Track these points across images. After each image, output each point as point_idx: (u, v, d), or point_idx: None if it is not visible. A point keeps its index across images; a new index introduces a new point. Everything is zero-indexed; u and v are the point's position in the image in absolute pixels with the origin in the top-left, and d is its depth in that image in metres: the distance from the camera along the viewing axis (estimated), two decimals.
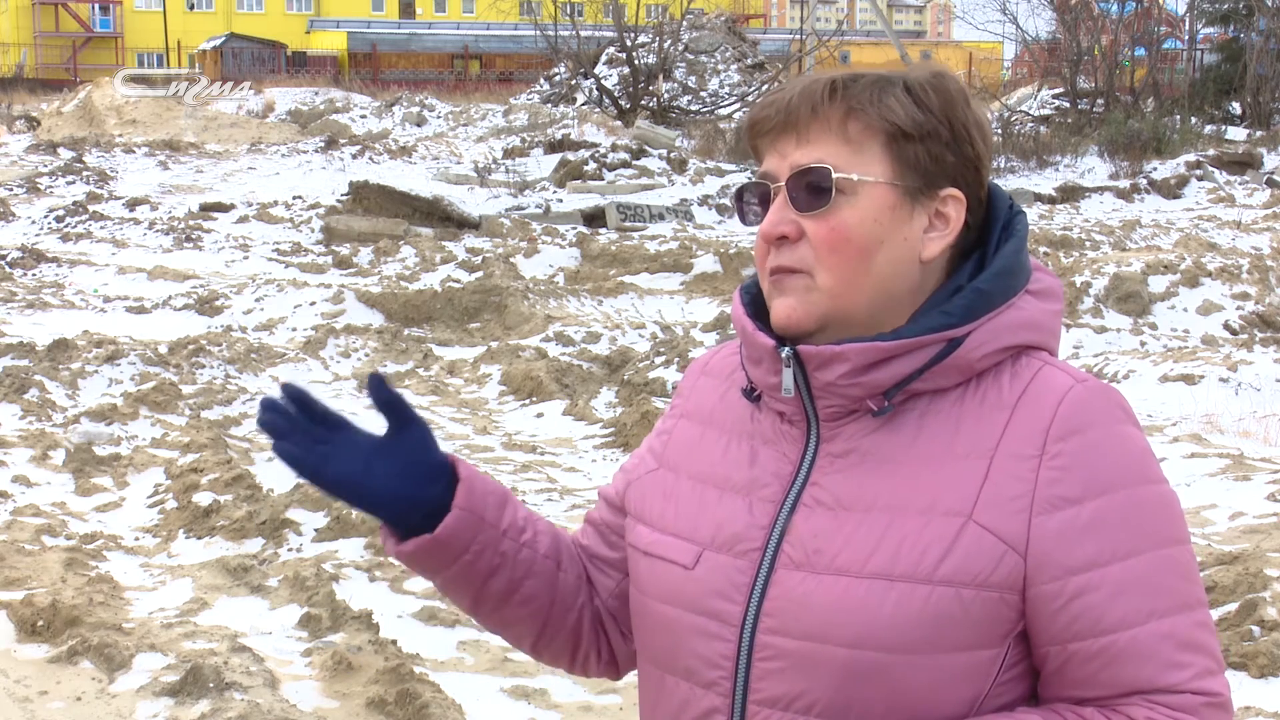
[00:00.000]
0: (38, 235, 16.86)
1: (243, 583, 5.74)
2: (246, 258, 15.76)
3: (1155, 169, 21.65)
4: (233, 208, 18.44)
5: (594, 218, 17.84)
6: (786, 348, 1.38)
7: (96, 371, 9.42)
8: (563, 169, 21.26)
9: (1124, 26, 31.07)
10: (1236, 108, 29.32)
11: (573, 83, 32.34)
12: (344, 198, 18.19)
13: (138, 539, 6.51)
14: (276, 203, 18.79)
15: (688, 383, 1.58)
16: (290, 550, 6.13)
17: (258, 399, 9.23)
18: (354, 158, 25.31)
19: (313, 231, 16.95)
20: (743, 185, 1.44)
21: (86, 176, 21.62)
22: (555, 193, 19.95)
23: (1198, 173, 21.35)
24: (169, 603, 5.56)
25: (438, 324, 12.29)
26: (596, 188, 20.27)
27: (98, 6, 68.13)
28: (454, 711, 4.33)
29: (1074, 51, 30.16)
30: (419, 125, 30.79)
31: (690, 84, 32.27)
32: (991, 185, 1.45)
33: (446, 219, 17.14)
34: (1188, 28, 33.91)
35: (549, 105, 30.78)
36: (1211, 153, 22.55)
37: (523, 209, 18.14)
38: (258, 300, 12.71)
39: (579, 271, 14.71)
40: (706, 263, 14.44)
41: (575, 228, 17.16)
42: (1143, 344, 10.62)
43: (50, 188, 20.58)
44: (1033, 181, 21.57)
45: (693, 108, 31.03)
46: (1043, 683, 1.36)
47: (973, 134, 1.40)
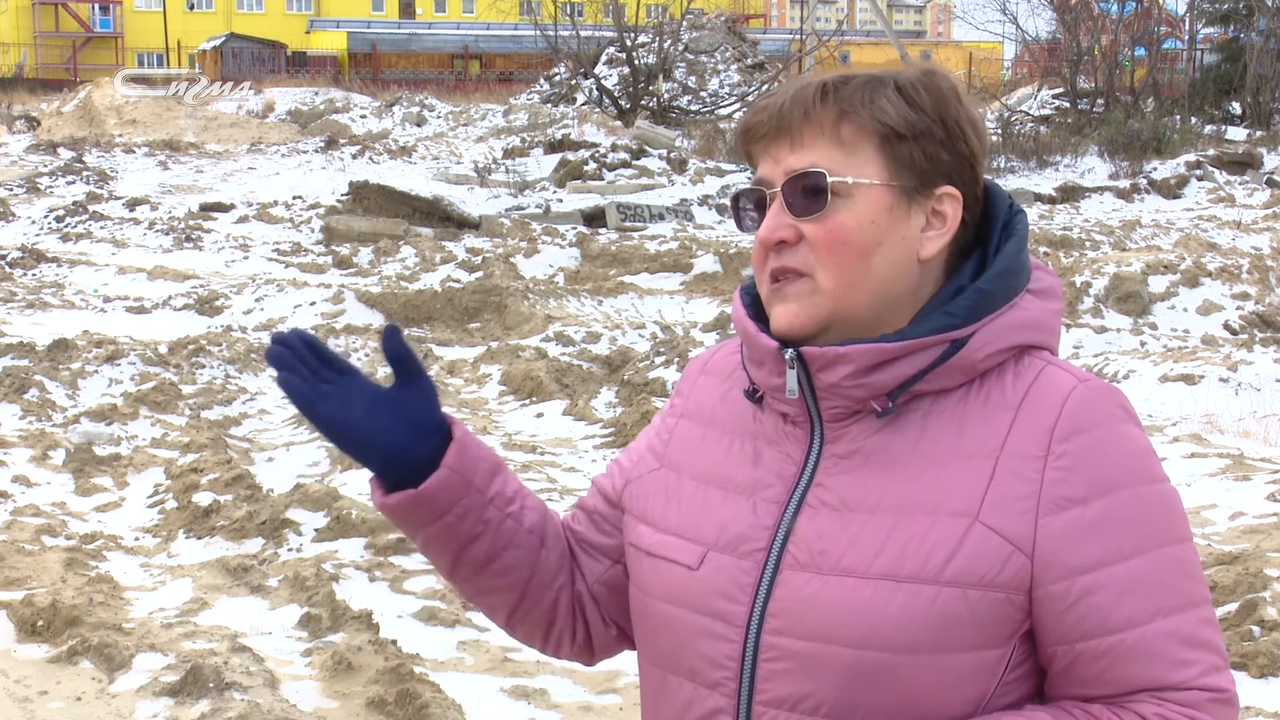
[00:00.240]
0: (38, 235, 16.87)
1: (243, 583, 5.74)
2: (246, 258, 15.76)
3: (1155, 169, 21.65)
4: (233, 208, 18.45)
5: (594, 218, 17.84)
6: (790, 349, 1.38)
7: (96, 371, 9.42)
8: (563, 169, 21.26)
9: (1124, 26, 31.08)
10: (1236, 108, 29.33)
11: (573, 83, 32.34)
12: (344, 198, 18.19)
13: (138, 539, 6.51)
14: (276, 203, 18.79)
15: (687, 382, 1.57)
16: (290, 550, 6.12)
17: (258, 399, 9.28)
18: (354, 158, 25.31)
19: (313, 231, 16.95)
20: (737, 191, 1.44)
21: (86, 176, 21.62)
22: (555, 193, 19.96)
23: (1198, 173, 21.34)
24: (169, 603, 5.56)
25: (438, 324, 12.29)
26: (596, 188, 20.27)
27: (98, 6, 68.12)
28: (454, 711, 4.33)
29: (1074, 51, 30.16)
30: (419, 125, 30.79)
31: (690, 84, 32.27)
32: (990, 184, 1.45)
33: (446, 219, 17.15)
34: (1188, 28, 33.92)
35: (549, 105, 30.79)
36: (1211, 153, 22.55)
37: (523, 209, 18.14)
38: (258, 300, 12.71)
39: (579, 271, 14.71)
40: (706, 263, 14.44)
41: (575, 228, 17.16)
42: (1143, 344, 10.62)
43: (50, 188, 20.58)
44: (1033, 181, 21.57)
45: (693, 108, 31.03)
46: (1049, 681, 1.37)
47: (966, 131, 1.39)
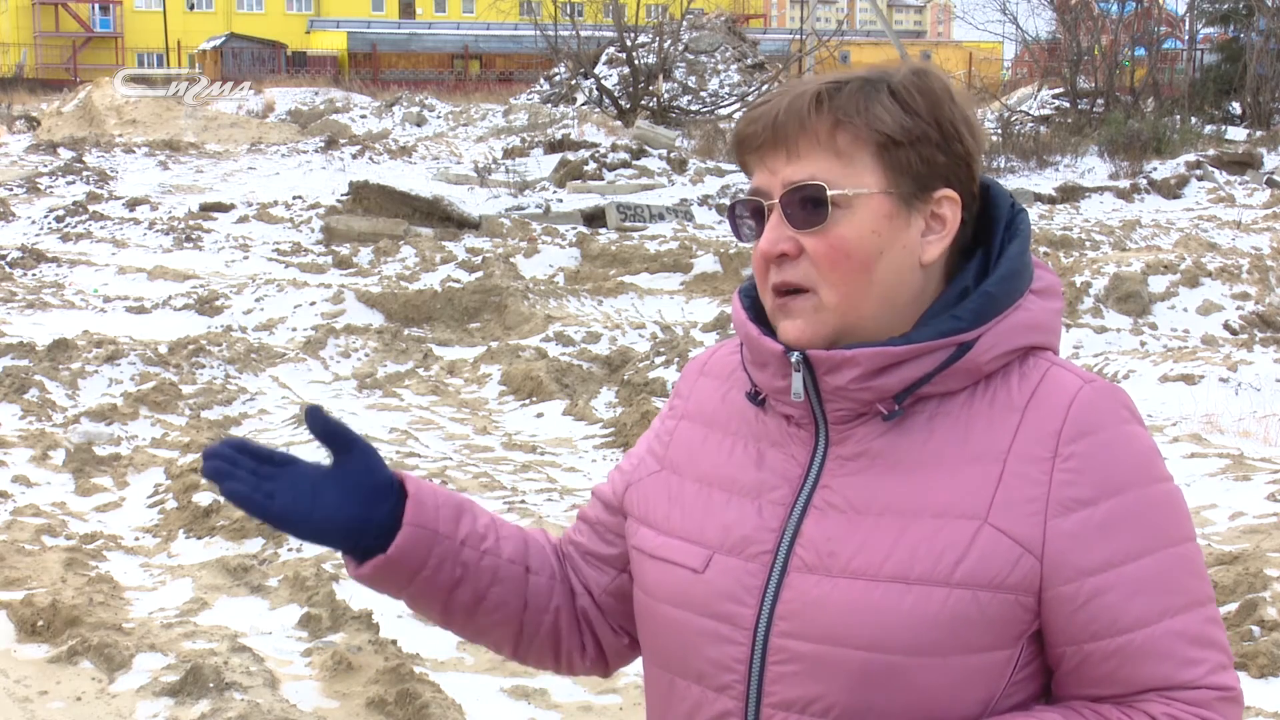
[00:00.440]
0: (38, 235, 16.87)
1: (243, 583, 5.74)
2: (246, 258, 15.76)
3: (1155, 169, 21.65)
4: (233, 208, 18.45)
5: (594, 218, 17.84)
6: (797, 353, 1.37)
7: (96, 371, 9.42)
8: (563, 169, 21.26)
9: (1124, 26, 31.07)
10: (1236, 108, 29.33)
11: (573, 83, 32.34)
12: (344, 198, 18.19)
13: (138, 539, 6.51)
14: (276, 203, 18.79)
15: (686, 384, 1.57)
16: (290, 550, 6.12)
17: (258, 399, 9.28)
18: (354, 158, 25.31)
19: (313, 231, 16.95)
20: (734, 200, 1.43)
21: (86, 176, 21.62)
22: (555, 193, 19.95)
23: (1198, 173, 21.34)
24: (169, 603, 5.56)
25: (438, 324, 12.28)
26: (596, 188, 20.27)
27: (98, 6, 68.13)
28: (454, 711, 4.33)
29: (1074, 51, 30.15)
30: (419, 125, 30.79)
31: (690, 84, 32.27)
32: (991, 183, 1.45)
33: (446, 219, 17.14)
34: (1188, 28, 33.92)
35: (549, 105, 30.78)
36: (1211, 153, 22.55)
37: (523, 209, 18.14)
38: (258, 300, 12.71)
39: (579, 271, 14.70)
40: (706, 263, 14.44)
41: (575, 228, 17.16)
42: (1143, 344, 10.61)
43: (50, 188, 20.58)
44: (1033, 181, 21.57)
45: (693, 108, 31.03)
46: (1057, 681, 1.37)
47: (961, 131, 1.38)
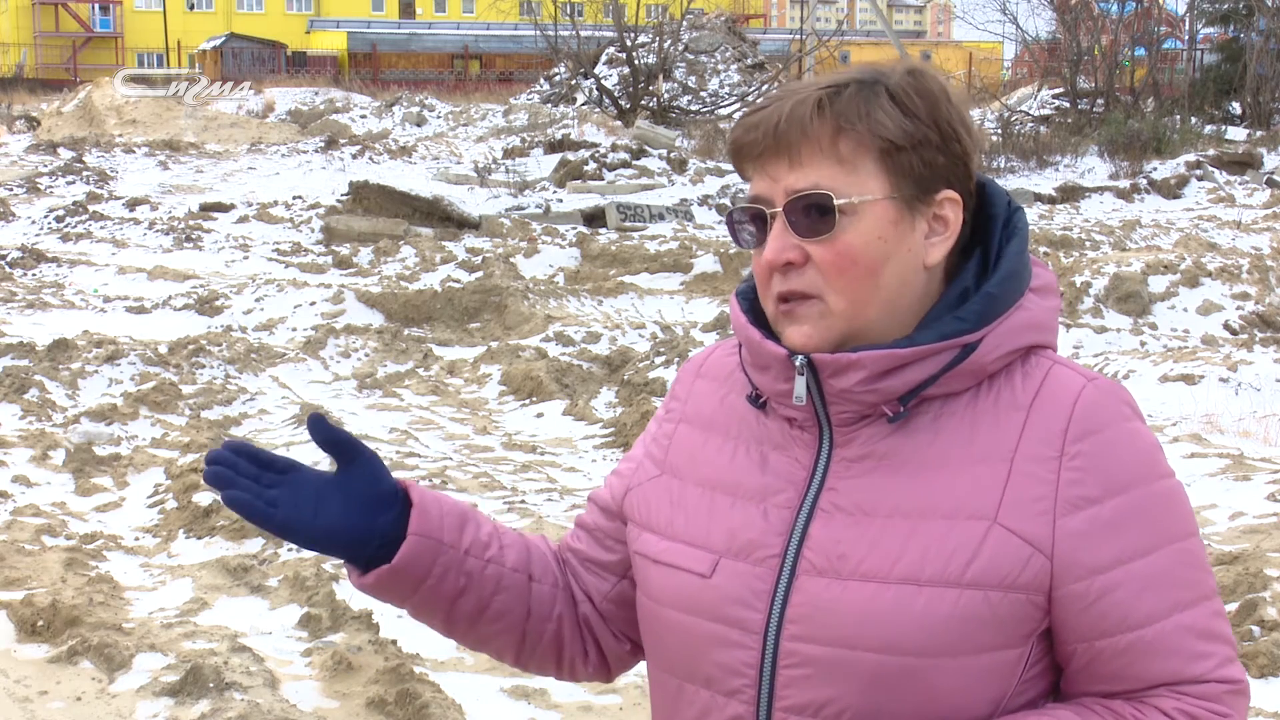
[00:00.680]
0: (38, 235, 16.87)
1: (243, 583, 5.74)
2: (246, 258, 15.76)
3: (1155, 169, 21.65)
4: (233, 208, 18.44)
5: (594, 218, 17.84)
6: (801, 356, 1.37)
7: (96, 371, 9.42)
8: (563, 169, 21.26)
9: (1124, 26, 31.07)
10: (1236, 108, 29.32)
11: (573, 83, 32.34)
12: (344, 198, 18.19)
13: (138, 539, 6.51)
14: (276, 203, 18.79)
15: (683, 387, 1.56)
16: (290, 550, 6.12)
17: (258, 399, 9.28)
18: (354, 158, 25.31)
19: (313, 231, 16.95)
20: (734, 208, 1.42)
21: (86, 176, 21.62)
22: (555, 193, 19.95)
23: (1198, 173, 21.34)
24: (169, 603, 5.56)
25: (438, 324, 12.28)
26: (596, 188, 20.27)
27: (98, 6, 68.13)
28: (454, 711, 4.33)
29: (1074, 51, 30.15)
30: (419, 125, 30.79)
31: (690, 84, 32.27)
32: (988, 181, 1.45)
33: (446, 219, 17.14)
34: (1188, 28, 33.92)
35: (549, 105, 30.78)
36: (1211, 153, 22.55)
37: (523, 209, 18.13)
38: (258, 300, 12.71)
39: (579, 271, 14.70)
40: (706, 263, 14.44)
41: (575, 228, 17.15)
42: (1143, 344, 10.61)
43: (50, 188, 20.58)
44: (1033, 181, 21.57)
45: (693, 108, 31.03)
46: (1067, 679, 1.37)
47: (959, 130, 1.38)
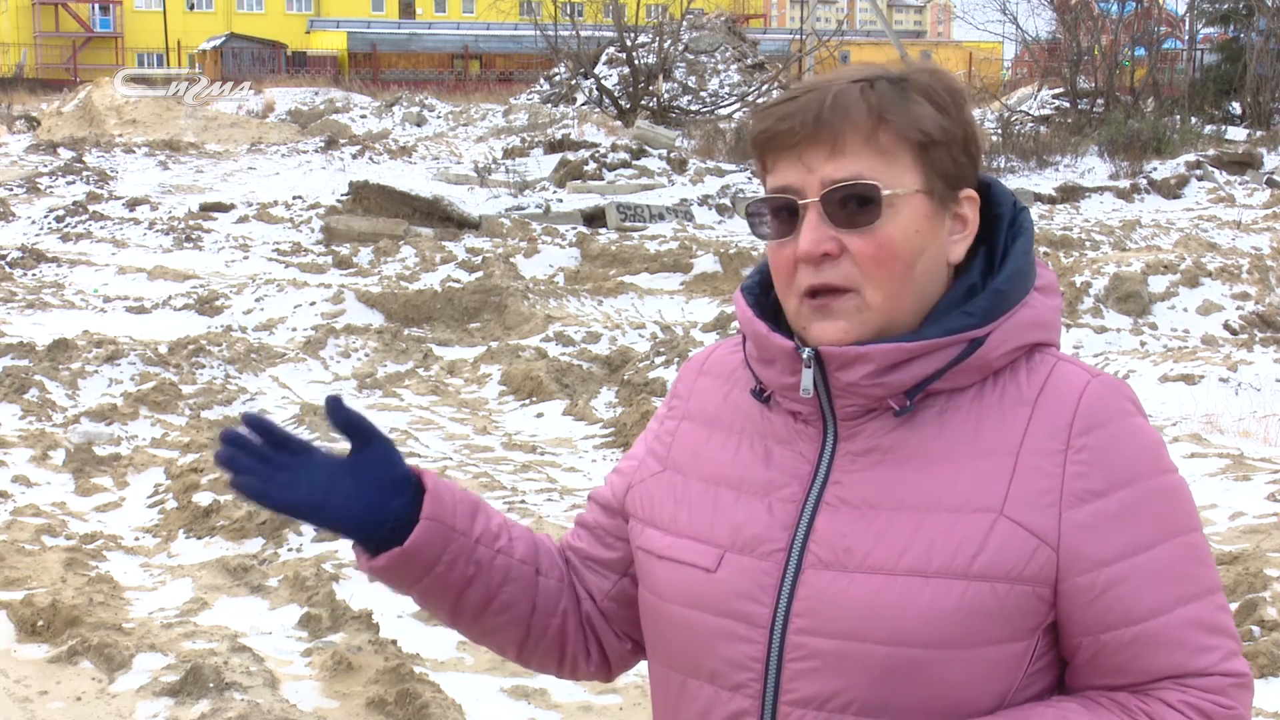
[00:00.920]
0: (38, 235, 16.86)
1: (243, 583, 5.74)
2: (246, 258, 15.76)
3: (1155, 169, 21.64)
4: (233, 208, 18.44)
5: (594, 218, 17.83)
6: (808, 349, 1.37)
7: (96, 371, 9.42)
8: (563, 169, 21.26)
9: (1124, 26, 31.07)
10: (1236, 108, 29.32)
11: (573, 83, 32.34)
12: (344, 198, 18.19)
13: (138, 539, 6.51)
14: (276, 203, 18.78)
15: (684, 384, 1.56)
16: (290, 550, 6.12)
17: (258, 399, 9.27)
18: (354, 158, 25.30)
19: (313, 231, 16.95)
20: (760, 198, 1.39)
21: (86, 176, 21.62)
22: (555, 193, 19.95)
23: (1198, 173, 21.34)
24: (169, 603, 5.56)
25: (438, 324, 12.28)
26: (596, 188, 20.26)
27: (98, 6, 68.12)
28: (454, 711, 4.33)
29: (1074, 51, 30.15)
30: (419, 125, 30.79)
31: (690, 84, 32.27)
32: (993, 181, 1.46)
33: (446, 219, 17.14)
34: (1188, 28, 33.92)
35: (549, 105, 30.78)
36: (1211, 153, 22.54)
37: (523, 209, 18.13)
38: (258, 300, 12.71)
39: (579, 271, 14.70)
40: (706, 263, 14.44)
41: (575, 228, 17.15)
42: (1143, 344, 10.61)
43: (50, 188, 20.58)
44: (1033, 181, 21.57)
45: (693, 108, 31.03)
46: (1072, 673, 1.38)
47: (975, 131, 1.40)
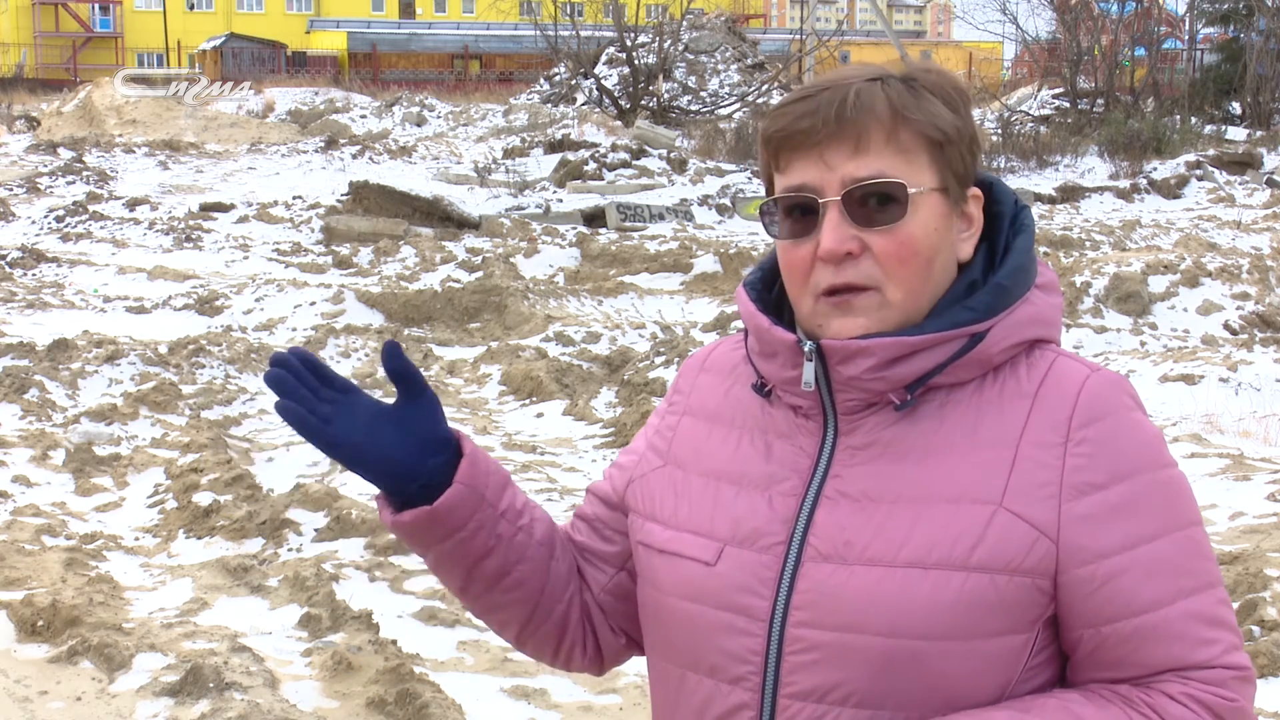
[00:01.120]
0: (38, 235, 16.86)
1: (243, 583, 5.74)
2: (246, 258, 15.76)
3: (1155, 169, 21.64)
4: (233, 208, 18.44)
5: (594, 218, 17.83)
6: (810, 342, 1.38)
7: (96, 371, 9.42)
8: (563, 169, 21.26)
9: (1124, 26, 31.07)
10: (1236, 108, 29.33)
11: (573, 83, 32.34)
12: (344, 198, 18.18)
13: (138, 539, 6.51)
14: (276, 203, 18.78)
15: (686, 380, 1.57)
16: (290, 550, 6.13)
17: (258, 399, 9.28)
18: (354, 158, 25.30)
19: (313, 231, 16.95)
20: (776, 197, 1.39)
21: (86, 176, 21.61)
22: (555, 193, 19.95)
23: (1198, 173, 21.33)
24: (169, 603, 5.56)
25: (438, 324, 12.28)
26: (596, 188, 20.26)
27: (98, 6, 68.13)
28: (454, 711, 4.33)
29: (1074, 51, 30.16)
30: (419, 125, 30.79)
31: (690, 84, 32.27)
32: (995, 180, 1.47)
33: (446, 219, 17.14)
34: (1188, 28, 33.93)
35: (549, 105, 30.78)
36: (1211, 153, 22.54)
37: (523, 209, 18.13)
38: (258, 300, 12.71)
39: (579, 271, 14.70)
40: (706, 263, 14.44)
41: (575, 228, 17.15)
42: (1143, 344, 10.61)
43: (50, 188, 20.57)
44: (1033, 181, 21.56)
45: (693, 108, 31.03)
46: (1073, 666, 1.38)
47: (977, 130, 1.42)
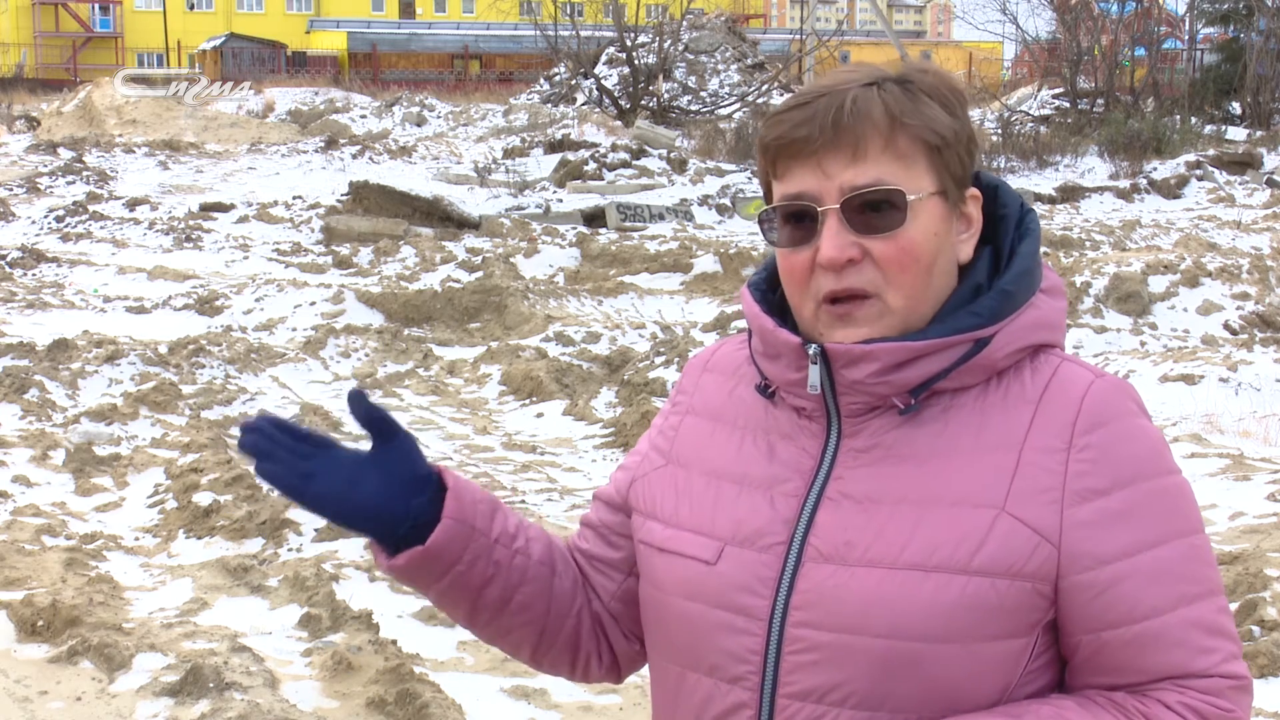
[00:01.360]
0: (38, 235, 16.86)
1: (243, 583, 5.74)
2: (246, 258, 15.76)
3: (1155, 169, 21.64)
4: (233, 208, 18.44)
5: (594, 218, 17.83)
6: (815, 345, 1.38)
7: (96, 371, 9.42)
8: (563, 169, 21.26)
9: (1124, 26, 31.08)
10: (1236, 108, 29.33)
11: (573, 83, 32.34)
12: (344, 198, 18.18)
13: (138, 539, 6.51)
14: (276, 203, 18.78)
15: (689, 380, 1.57)
16: (290, 550, 6.12)
17: (258, 399, 9.28)
18: (354, 158, 25.30)
19: (313, 231, 16.95)
20: (773, 206, 1.39)
21: (86, 176, 21.61)
22: (555, 193, 19.95)
23: (1198, 173, 21.34)
24: (169, 603, 5.56)
25: (438, 324, 12.28)
26: (596, 188, 20.26)
27: (98, 6, 68.12)
28: (454, 711, 4.33)
29: (1074, 51, 30.16)
30: (419, 125, 30.79)
31: (690, 84, 32.27)
32: (1000, 183, 1.47)
33: (446, 219, 17.14)
34: (1188, 28, 33.92)
35: (549, 105, 30.78)
36: (1211, 153, 22.54)
37: (523, 209, 18.13)
38: (258, 300, 12.71)
39: (579, 271, 14.70)
40: (706, 263, 14.44)
41: (575, 228, 17.15)
42: (1143, 344, 10.61)
43: (50, 188, 20.57)
44: (1033, 181, 21.56)
45: (693, 108, 31.03)
46: (1071, 671, 1.38)
47: (974, 130, 1.41)
